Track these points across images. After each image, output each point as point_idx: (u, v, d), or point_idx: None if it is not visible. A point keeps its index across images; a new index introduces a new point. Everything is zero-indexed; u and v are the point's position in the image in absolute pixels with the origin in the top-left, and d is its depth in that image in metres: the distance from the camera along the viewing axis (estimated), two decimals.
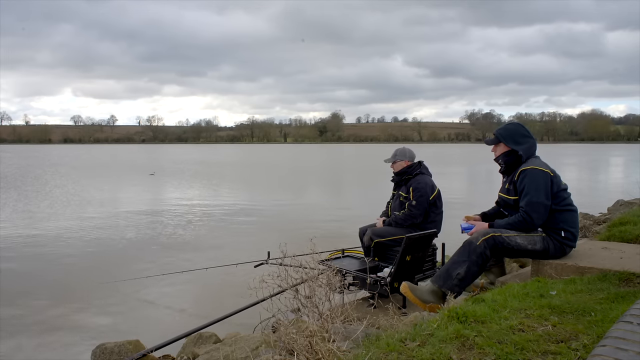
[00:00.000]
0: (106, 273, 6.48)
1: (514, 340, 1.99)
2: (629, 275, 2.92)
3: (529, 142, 3.50)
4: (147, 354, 3.51)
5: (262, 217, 12.01)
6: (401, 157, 4.85)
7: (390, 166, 4.92)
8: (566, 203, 3.39)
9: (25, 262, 7.34)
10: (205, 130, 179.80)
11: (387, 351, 1.99)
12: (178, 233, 9.68)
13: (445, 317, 2.27)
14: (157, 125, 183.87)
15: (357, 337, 2.31)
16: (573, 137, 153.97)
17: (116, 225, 10.50)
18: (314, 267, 2.89)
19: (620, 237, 4.20)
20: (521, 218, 3.30)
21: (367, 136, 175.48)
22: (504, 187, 3.58)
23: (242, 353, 2.70)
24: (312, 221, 10.97)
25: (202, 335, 3.82)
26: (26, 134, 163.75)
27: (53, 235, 9.29)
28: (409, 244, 3.94)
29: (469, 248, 3.27)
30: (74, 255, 7.80)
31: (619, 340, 1.73)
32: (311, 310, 2.57)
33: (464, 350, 1.94)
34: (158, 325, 4.72)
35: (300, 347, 2.13)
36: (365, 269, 4.10)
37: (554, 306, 2.41)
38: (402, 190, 4.76)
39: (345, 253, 5.06)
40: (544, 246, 3.32)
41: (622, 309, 2.20)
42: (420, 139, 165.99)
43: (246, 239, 9.20)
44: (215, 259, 6.74)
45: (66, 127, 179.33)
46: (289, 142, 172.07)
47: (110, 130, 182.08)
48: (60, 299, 5.57)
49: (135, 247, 8.50)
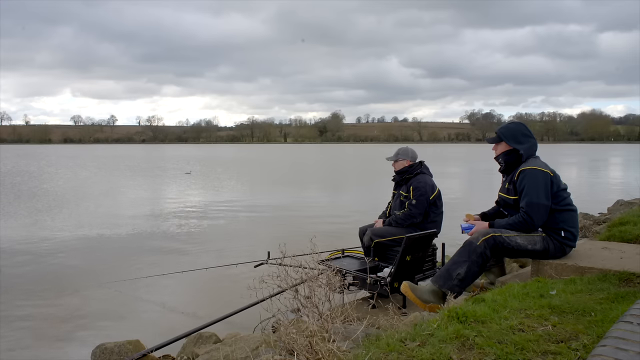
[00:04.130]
0: (106, 273, 6.48)
1: (514, 340, 1.99)
2: (629, 275, 2.91)
3: (530, 142, 3.50)
4: (147, 354, 3.51)
5: (262, 217, 12.01)
6: (403, 156, 4.86)
7: (392, 164, 4.92)
8: (566, 203, 3.39)
9: (25, 262, 7.33)
10: (205, 130, 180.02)
11: (387, 351, 1.99)
12: (178, 233, 9.68)
13: (445, 317, 2.27)
14: (157, 125, 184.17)
15: (357, 337, 2.31)
16: (573, 137, 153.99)
17: (116, 225, 10.50)
18: (314, 267, 2.89)
19: (620, 237, 4.20)
20: (521, 219, 3.30)
21: (367, 136, 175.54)
22: (503, 187, 3.57)
23: (242, 353, 2.70)
24: (312, 221, 10.97)
25: (202, 335, 3.82)
26: (26, 134, 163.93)
27: (53, 235, 9.29)
28: (409, 244, 3.94)
29: (469, 248, 3.26)
30: (74, 255, 7.79)
31: (619, 340, 1.73)
32: (311, 310, 2.56)
33: (464, 350, 1.94)
34: (158, 325, 4.72)
35: (300, 347, 2.13)
36: (365, 269, 4.10)
37: (554, 306, 2.40)
38: (403, 190, 4.76)
39: (345, 253, 5.06)
40: (544, 246, 3.32)
41: (622, 309, 2.20)
42: (420, 139, 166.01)
43: (246, 239, 9.19)
44: (215, 259, 6.75)
45: (66, 127, 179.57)
46: (289, 142, 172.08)
47: (110, 130, 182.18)
48: (60, 299, 5.58)
49: (135, 247, 8.50)
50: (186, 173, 27.00)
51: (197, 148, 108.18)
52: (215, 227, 10.38)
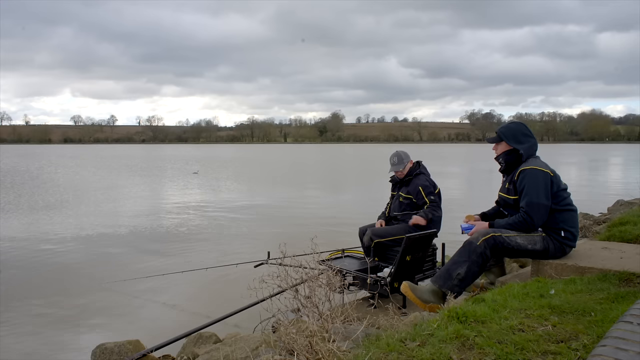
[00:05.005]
0: (106, 273, 6.48)
1: (514, 340, 1.99)
2: (629, 275, 2.91)
3: (530, 142, 3.50)
4: (147, 354, 3.51)
5: (262, 216, 12.01)
6: (406, 159, 4.90)
7: (400, 171, 4.87)
8: (566, 203, 3.39)
9: (25, 261, 7.33)
10: (205, 130, 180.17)
11: (387, 351, 1.99)
12: (178, 233, 9.68)
13: (445, 317, 2.27)
14: (157, 125, 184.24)
15: (357, 337, 2.31)
16: (573, 137, 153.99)
17: (116, 225, 10.50)
18: (314, 267, 2.89)
19: (620, 237, 4.20)
20: (521, 219, 3.30)
21: (367, 136, 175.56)
22: (504, 187, 3.58)
23: (242, 353, 2.70)
24: (312, 221, 10.97)
25: (202, 335, 3.82)
26: (26, 134, 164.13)
27: (53, 235, 9.29)
28: (408, 244, 3.94)
29: (469, 248, 3.26)
30: (74, 255, 7.80)
31: (619, 340, 1.73)
32: (311, 310, 2.56)
33: (464, 350, 1.94)
34: (158, 325, 4.72)
35: (300, 347, 2.13)
36: (366, 269, 4.10)
37: (554, 306, 2.40)
38: (403, 191, 4.76)
39: (345, 253, 5.06)
40: (544, 246, 3.32)
41: (622, 309, 2.19)
42: (421, 139, 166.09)
43: (246, 239, 9.19)
44: (215, 259, 6.75)
45: (66, 127, 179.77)
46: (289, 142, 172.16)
47: (110, 130, 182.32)
48: (60, 299, 5.58)
49: (135, 247, 8.50)
50: (194, 173, 27.07)
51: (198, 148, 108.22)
52: (215, 227, 10.38)
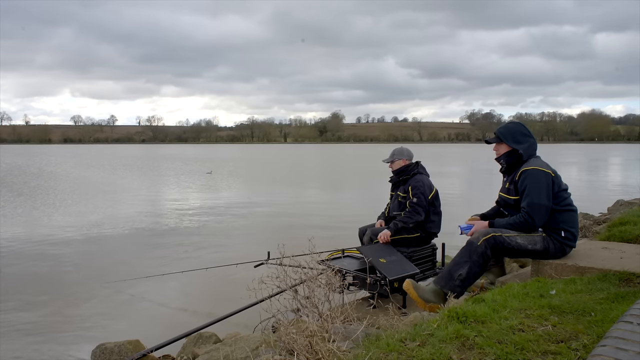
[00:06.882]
0: (106, 273, 6.48)
1: (514, 340, 1.99)
2: (629, 275, 2.91)
3: (529, 142, 3.50)
4: (147, 354, 3.51)
5: (262, 216, 12.01)
6: (399, 155, 4.85)
7: (389, 166, 4.91)
8: (566, 203, 3.39)
9: (25, 261, 7.33)
10: (205, 130, 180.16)
11: (387, 351, 1.99)
12: (178, 233, 9.68)
13: (445, 317, 2.27)
14: (157, 125, 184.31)
15: (357, 337, 2.31)
16: (573, 137, 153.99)
17: (116, 225, 10.50)
18: (314, 267, 2.89)
19: (620, 237, 4.19)
20: (522, 219, 3.30)
21: (367, 136, 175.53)
22: (504, 187, 3.58)
23: (242, 353, 2.70)
24: (312, 221, 10.97)
25: (202, 335, 3.82)
26: (26, 134, 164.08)
27: (53, 235, 9.29)
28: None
29: (470, 248, 3.27)
30: (74, 255, 7.79)
31: (619, 340, 1.73)
32: (311, 310, 2.56)
33: (464, 350, 1.94)
34: (158, 325, 4.72)
35: (300, 347, 2.13)
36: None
37: (554, 306, 2.40)
38: (400, 191, 4.75)
39: (345, 253, 5.05)
40: (544, 246, 3.32)
41: (622, 309, 2.20)
42: (421, 139, 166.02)
43: (246, 239, 9.19)
44: (215, 259, 6.74)
45: (66, 127, 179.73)
46: (289, 142, 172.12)
47: (110, 130, 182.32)
48: (60, 299, 5.57)
49: (135, 247, 8.50)
50: (207, 173, 27.13)
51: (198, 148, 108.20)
52: (215, 227, 10.38)
